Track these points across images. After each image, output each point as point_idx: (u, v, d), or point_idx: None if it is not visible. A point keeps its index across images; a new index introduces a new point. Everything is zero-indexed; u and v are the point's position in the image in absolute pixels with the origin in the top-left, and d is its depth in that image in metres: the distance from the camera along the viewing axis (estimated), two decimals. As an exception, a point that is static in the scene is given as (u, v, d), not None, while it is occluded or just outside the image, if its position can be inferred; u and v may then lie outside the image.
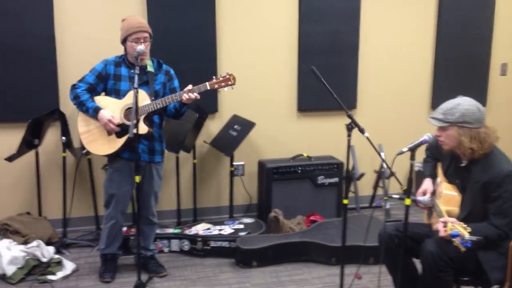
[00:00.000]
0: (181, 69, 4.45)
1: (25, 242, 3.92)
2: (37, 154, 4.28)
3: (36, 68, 4.32)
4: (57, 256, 3.93)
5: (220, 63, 4.76)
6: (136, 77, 3.26)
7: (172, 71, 3.75)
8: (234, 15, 4.75)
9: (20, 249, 3.81)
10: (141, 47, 3.39)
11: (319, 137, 5.12)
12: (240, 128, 4.49)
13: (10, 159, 4.03)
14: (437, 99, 5.31)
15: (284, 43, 4.92)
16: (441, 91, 5.30)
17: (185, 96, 3.47)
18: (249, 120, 4.51)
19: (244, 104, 4.85)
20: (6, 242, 3.92)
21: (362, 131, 2.98)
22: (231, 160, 4.60)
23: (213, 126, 4.83)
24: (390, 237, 2.99)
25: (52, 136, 4.43)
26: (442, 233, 2.55)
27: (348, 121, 3.02)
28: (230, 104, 4.84)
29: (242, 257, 3.94)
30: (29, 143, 4.10)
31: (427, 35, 5.27)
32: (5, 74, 4.29)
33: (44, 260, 3.81)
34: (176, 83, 3.74)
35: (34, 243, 3.88)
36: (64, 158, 4.26)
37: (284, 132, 5.06)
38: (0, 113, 4.34)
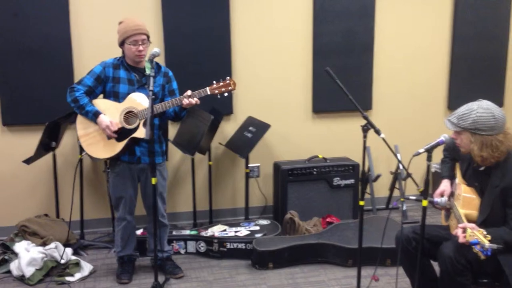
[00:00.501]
0: (196, 71, 4.50)
1: (43, 244, 3.97)
2: (54, 157, 4.33)
3: (52, 71, 4.36)
4: (74, 257, 3.97)
5: (234, 65, 4.77)
6: (151, 80, 3.25)
7: (170, 73, 3.74)
8: (248, 16, 4.76)
9: (38, 250, 3.85)
10: (156, 49, 3.38)
11: (334, 139, 5.11)
12: (255, 129, 4.49)
13: (28, 161, 4.06)
14: (453, 99, 5.26)
15: (298, 44, 4.92)
16: (457, 91, 5.25)
17: (185, 101, 3.48)
18: (264, 121, 4.50)
19: (259, 106, 4.85)
20: (24, 243, 3.97)
21: (378, 132, 2.96)
22: (246, 162, 4.60)
23: (228, 128, 4.84)
24: (407, 239, 2.97)
25: (69, 139, 4.47)
26: (461, 240, 2.51)
27: (364, 122, 3.01)
28: (245, 106, 4.85)
29: (258, 258, 3.94)
30: (47, 145, 4.14)
31: (443, 34, 5.22)
32: (23, 77, 4.34)
33: (62, 261, 3.84)
34: (174, 84, 3.74)
35: (52, 245, 3.92)
36: (80, 160, 4.29)
37: (299, 134, 5.05)
38: (18, 116, 4.40)
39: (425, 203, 2.77)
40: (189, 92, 3.51)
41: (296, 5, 4.85)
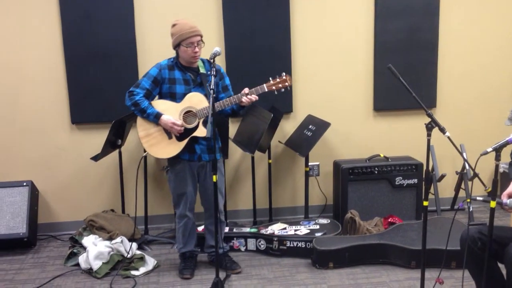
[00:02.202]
0: (256, 69, 4.53)
1: (110, 238, 4.10)
2: (120, 154, 4.47)
3: (119, 72, 4.52)
4: (139, 252, 4.08)
5: (294, 63, 4.76)
6: (212, 78, 3.32)
7: (222, 69, 3.79)
8: (309, 13, 4.74)
9: (105, 244, 3.99)
10: (217, 48, 3.43)
11: (396, 137, 5.00)
12: (315, 128, 4.47)
13: (95, 158, 4.23)
14: (523, 96, 5.03)
15: (359, 41, 4.85)
16: (528, 88, 5.03)
17: (244, 99, 3.54)
18: (324, 120, 4.47)
19: (319, 104, 4.82)
20: (92, 237, 4.13)
21: (442, 130, 2.88)
22: (306, 160, 4.58)
23: (288, 126, 4.84)
24: (472, 239, 2.87)
25: (134, 136, 4.60)
26: None
27: (427, 120, 2.93)
28: (304, 104, 4.83)
29: (319, 257, 3.92)
30: (113, 143, 4.29)
31: (511, 32, 5.00)
32: (91, 78, 4.53)
33: (128, 255, 3.96)
34: (227, 80, 3.79)
35: (118, 239, 4.05)
36: (145, 157, 4.41)
37: (360, 132, 4.98)
38: (86, 115, 4.59)
39: (493, 204, 2.67)
40: (246, 90, 3.55)
41: (357, 2, 4.78)
